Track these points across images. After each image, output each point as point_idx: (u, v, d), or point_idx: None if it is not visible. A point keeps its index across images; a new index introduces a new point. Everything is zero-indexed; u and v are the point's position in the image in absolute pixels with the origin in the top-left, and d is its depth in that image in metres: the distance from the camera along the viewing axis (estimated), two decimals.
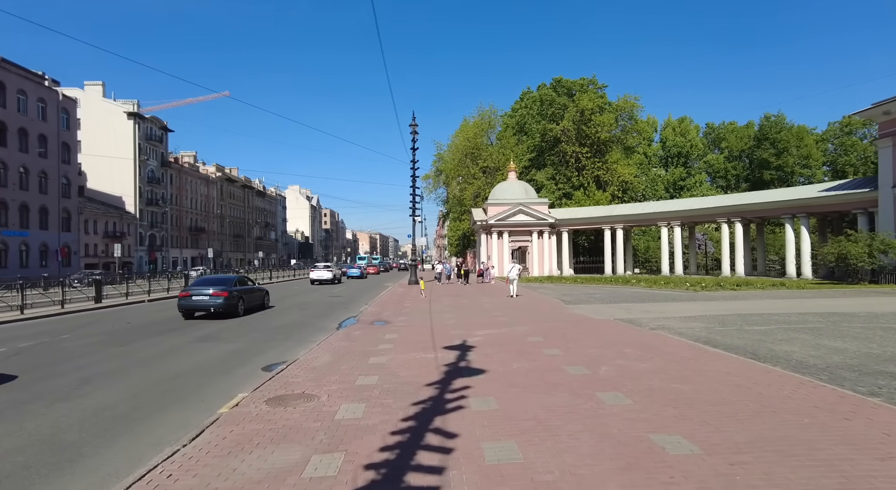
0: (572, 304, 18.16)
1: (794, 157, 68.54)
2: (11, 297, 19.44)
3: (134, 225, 70.64)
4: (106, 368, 8.97)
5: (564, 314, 15.25)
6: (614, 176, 44.70)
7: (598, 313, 15.19)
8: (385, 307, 19.10)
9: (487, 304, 18.86)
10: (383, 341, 10.74)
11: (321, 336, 12.17)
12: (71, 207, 57.38)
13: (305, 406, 6.05)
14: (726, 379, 6.71)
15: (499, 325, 12.73)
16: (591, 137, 44.35)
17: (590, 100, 44.27)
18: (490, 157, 49.16)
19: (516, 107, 52.78)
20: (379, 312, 17.35)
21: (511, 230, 40.45)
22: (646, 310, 15.86)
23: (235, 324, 15.11)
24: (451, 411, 5.62)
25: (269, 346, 11.33)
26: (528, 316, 14.92)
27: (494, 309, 17.21)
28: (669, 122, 72.74)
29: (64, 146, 56.49)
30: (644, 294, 21.57)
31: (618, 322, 13.04)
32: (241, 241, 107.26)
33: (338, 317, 16.89)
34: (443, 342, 10.32)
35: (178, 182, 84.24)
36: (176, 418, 6.22)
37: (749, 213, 32.07)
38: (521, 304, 18.72)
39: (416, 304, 19.66)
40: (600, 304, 18.30)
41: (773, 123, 71.76)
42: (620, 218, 38.71)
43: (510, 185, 42.09)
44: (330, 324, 15.01)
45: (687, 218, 36.07)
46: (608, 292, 22.69)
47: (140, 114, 71.70)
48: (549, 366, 7.81)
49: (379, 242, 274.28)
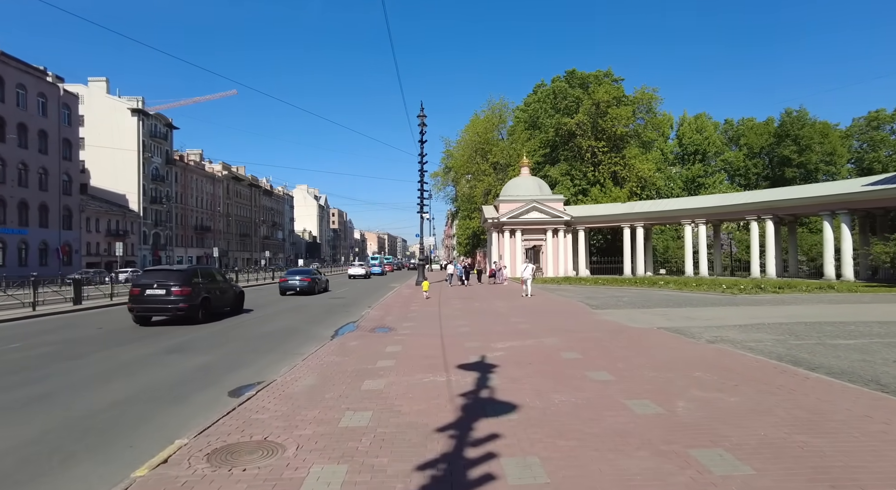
0: (600, 309, 16.11)
1: (818, 155, 65.73)
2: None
3: (137, 223, 69.43)
4: (30, 393, 7.09)
5: (595, 321, 13.21)
6: (632, 172, 42.44)
7: (634, 320, 13.14)
8: (389, 311, 17.18)
9: (503, 308, 16.85)
10: (383, 356, 8.79)
11: (311, 347, 10.26)
12: (72, 205, 56.16)
13: (261, 466, 4.11)
14: (872, 428, 4.66)
15: (522, 336, 10.73)
16: (607, 131, 42.15)
17: (606, 92, 42.08)
18: (501, 153, 47.08)
19: (529, 101, 50.66)
20: (382, 317, 15.42)
21: (524, 228, 38.39)
22: (687, 316, 13.77)
23: (217, 330, 13.25)
24: (476, 487, 3.65)
25: (246, 359, 9.44)
26: (554, 323, 12.90)
27: (512, 313, 15.20)
28: (685, 118, 70.16)
29: (65, 142, 55.29)
30: (677, 297, 19.44)
31: (663, 332, 10.99)
32: (248, 241, 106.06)
33: (335, 322, 14.98)
34: (456, 359, 8.35)
35: (184, 180, 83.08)
36: (75, 483, 4.30)
37: (782, 210, 29.72)
38: (543, 309, 16.69)
39: (423, 308, 17.71)
40: (631, 308, 16.23)
41: (795, 119, 68.99)
42: (641, 215, 36.47)
43: (523, 181, 40.01)
44: (324, 331, 13.09)
45: (713, 215, 33.75)
46: (636, 295, 20.59)
47: (144, 110, 70.50)
48: (603, 398, 5.81)
49: (387, 242, 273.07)
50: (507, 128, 50.00)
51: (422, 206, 32.02)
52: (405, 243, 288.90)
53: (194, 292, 14.38)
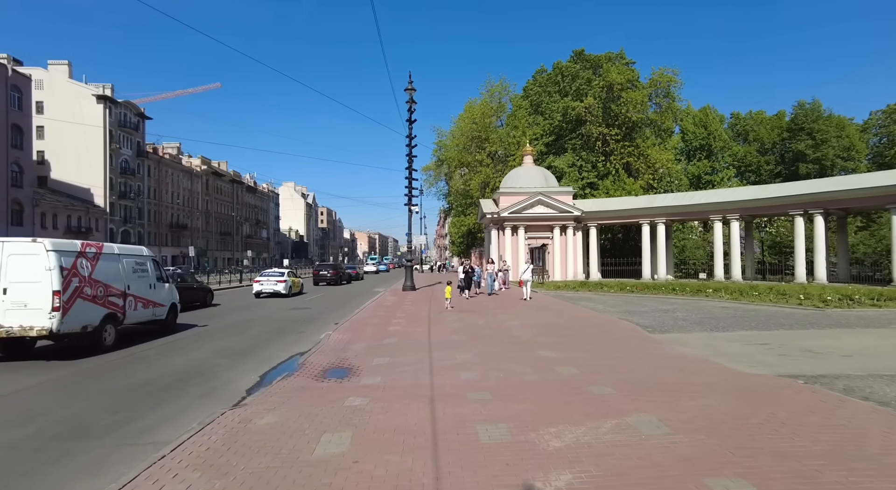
0: (658, 332, 11.37)
1: (835, 149, 61.73)
2: None
3: (104, 220, 63.82)
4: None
5: (673, 359, 8.48)
6: (648, 163, 37.82)
7: (731, 358, 8.46)
8: (361, 331, 12.33)
9: (522, 330, 12.05)
10: (310, 464, 3.98)
11: (188, 421, 5.44)
12: (23, 198, 50.60)
13: None
14: None
15: (575, 399, 5.93)
16: (620, 117, 37.45)
17: (619, 73, 37.37)
18: (500, 141, 42.18)
19: (529, 86, 45.81)
20: (346, 345, 10.57)
21: (528, 224, 33.61)
22: (806, 350, 9.07)
23: (85, 372, 8.35)
24: None
25: (38, 464, 4.55)
26: (612, 363, 8.13)
27: (536, 340, 10.41)
28: (690, 111, 65.65)
29: (15, 129, 49.70)
30: (745, 313, 14.73)
31: (813, 390, 6.26)
32: (229, 240, 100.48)
33: (273, 355, 10.10)
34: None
35: (158, 174, 77.53)
36: None
37: (836, 203, 25.15)
38: (577, 331, 11.91)
39: (408, 327, 12.88)
40: (702, 331, 11.51)
41: (808, 112, 65.04)
42: (663, 210, 31.76)
43: (526, 172, 35.20)
44: (242, 378, 8.23)
45: (748, 210, 29.14)
46: (686, 308, 15.86)
47: (112, 98, 64.93)
48: None
49: (378, 242, 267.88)
50: (507, 114, 45.04)
51: (410, 197, 27.09)
52: (396, 243, 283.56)
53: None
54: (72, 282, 9.55)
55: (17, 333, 9.04)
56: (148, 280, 12.25)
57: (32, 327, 9.02)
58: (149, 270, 12.43)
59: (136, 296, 11.54)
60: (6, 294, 9.08)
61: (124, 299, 11.10)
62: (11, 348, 9.60)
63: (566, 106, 39.58)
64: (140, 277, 11.91)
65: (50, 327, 9.04)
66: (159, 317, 12.67)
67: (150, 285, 12.25)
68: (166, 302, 12.95)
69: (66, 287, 9.37)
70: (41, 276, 9.12)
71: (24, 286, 9.11)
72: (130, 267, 11.66)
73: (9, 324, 9.01)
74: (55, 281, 9.15)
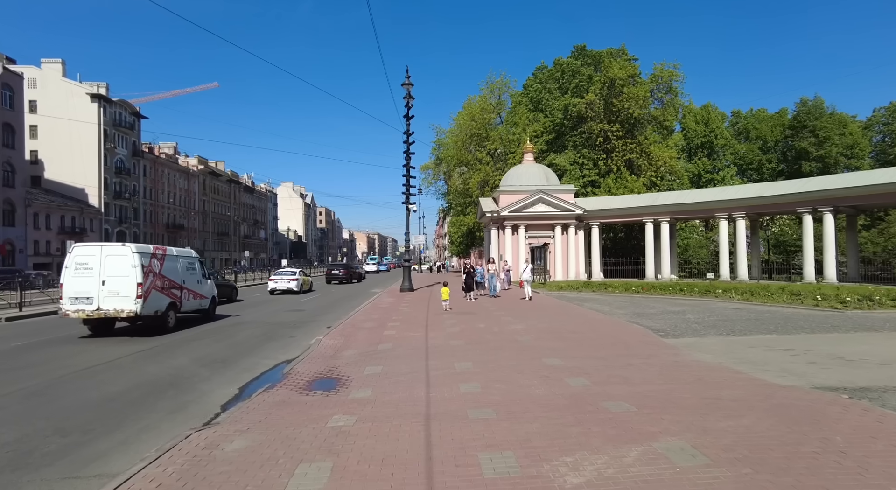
0: (671, 337, 10.66)
1: (838, 147, 60.97)
2: None
3: (98, 220, 63.00)
4: None
5: (692, 367, 7.75)
6: (650, 160, 37.06)
7: (756, 366, 7.74)
8: (354, 336, 11.60)
9: (525, 334, 11.32)
10: None
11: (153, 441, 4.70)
12: (15, 198, 49.80)
13: None
14: None
15: (603, 421, 5.18)
16: (622, 113, 36.70)
17: (621, 68, 36.60)
18: (500, 139, 41.37)
19: (529, 83, 45.03)
20: (337, 351, 9.84)
21: (528, 224, 32.86)
22: (836, 356, 8.36)
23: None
24: None
25: None
26: (625, 373, 7.40)
27: (542, 345, 9.68)
28: (691, 108, 64.91)
29: (6, 127, 48.93)
30: (759, 314, 14.01)
31: (856, 406, 5.53)
32: (227, 240, 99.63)
33: (258, 363, 9.39)
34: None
35: (154, 174, 76.73)
36: None
37: (846, 200, 24.41)
38: (586, 336, 11.18)
39: (405, 331, 12.14)
40: (718, 336, 10.80)
41: (811, 109, 64.32)
42: (667, 208, 31.00)
43: (527, 169, 34.44)
44: (219, 391, 7.52)
45: (754, 208, 28.38)
46: (697, 310, 15.11)
47: (106, 97, 64.12)
48: None
49: (377, 242, 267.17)
50: (507, 111, 44.21)
51: (407, 195, 26.34)
52: (395, 243, 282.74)
53: None
54: (149, 276, 12.24)
55: (112, 315, 11.88)
56: (196, 276, 14.96)
57: (122, 310, 11.79)
58: (197, 269, 15.10)
59: (189, 289, 14.23)
60: (104, 285, 11.81)
61: (181, 291, 13.78)
62: (101, 327, 12.44)
63: (567, 102, 38.84)
64: (191, 274, 14.60)
65: (135, 311, 11.80)
66: (203, 307, 15.36)
67: (198, 281, 14.99)
68: (209, 295, 15.71)
69: (145, 280, 12.06)
70: (129, 271, 11.86)
71: (117, 279, 11.84)
72: (185, 266, 14.29)
73: (106, 307, 11.80)
74: (138, 275, 11.86)
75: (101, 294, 11.72)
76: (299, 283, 26.42)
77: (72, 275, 11.87)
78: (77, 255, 12.09)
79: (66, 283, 11.87)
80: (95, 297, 11.72)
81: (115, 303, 11.75)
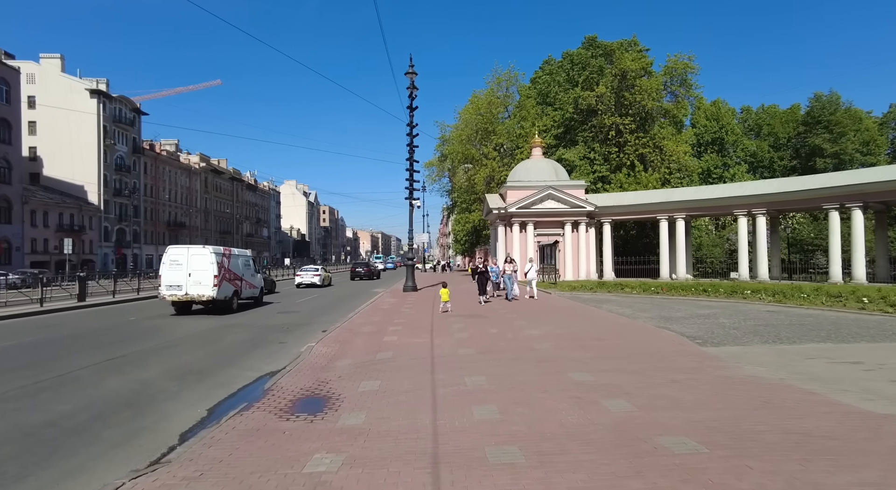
0: (709, 345, 9.37)
1: (854, 143, 59.16)
2: None
3: (97, 217, 62.07)
4: None
5: (762, 391, 6.47)
6: (664, 155, 35.65)
7: (827, 384, 6.46)
8: (350, 342, 10.36)
9: (543, 341, 10.05)
10: None
11: None
12: (12, 195, 48.83)
13: None
14: None
15: (668, 469, 3.91)
16: (634, 106, 35.31)
17: (633, 60, 35.20)
18: (507, 133, 40.00)
19: (537, 76, 43.63)
20: (329, 361, 8.61)
21: (537, 221, 31.54)
22: None
23: None
24: None
25: None
26: (672, 393, 6.13)
27: (565, 356, 8.41)
28: (701, 103, 63.29)
29: (3, 123, 47.98)
30: (798, 318, 12.66)
31: None
32: (229, 238, 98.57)
33: (238, 375, 8.16)
34: None
35: (154, 171, 75.73)
36: None
37: (877, 196, 22.89)
38: (611, 344, 9.88)
39: (407, 337, 10.89)
40: (763, 344, 9.50)
41: (826, 104, 62.40)
42: (683, 205, 29.59)
43: (535, 164, 33.09)
44: (181, 414, 6.27)
45: (776, 204, 26.93)
46: (727, 312, 13.78)
47: (106, 92, 63.12)
48: None
49: (381, 241, 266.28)
50: (514, 104, 42.79)
51: (411, 190, 25.08)
52: (399, 242, 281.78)
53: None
54: (221, 270, 16.00)
55: (195, 298, 15.72)
56: (251, 271, 19.07)
57: (203, 295, 15.65)
58: (251, 265, 19.18)
59: (245, 280, 18.21)
60: (190, 276, 15.60)
61: (241, 282, 17.71)
62: (184, 308, 16.34)
63: (577, 95, 37.43)
64: (247, 268, 18.58)
65: (212, 295, 15.61)
66: (255, 295, 19.39)
67: (252, 274, 19.06)
68: (259, 286, 19.87)
69: (219, 273, 15.86)
70: (208, 266, 15.71)
71: (199, 272, 15.65)
72: (243, 262, 18.30)
73: (192, 293, 15.63)
74: (215, 269, 15.74)
75: (187, 283, 15.49)
76: (321, 278, 30.97)
77: (167, 269, 15.69)
78: (170, 254, 16.00)
79: (163, 275, 15.77)
80: (184, 285, 15.50)
81: (197, 289, 15.53)
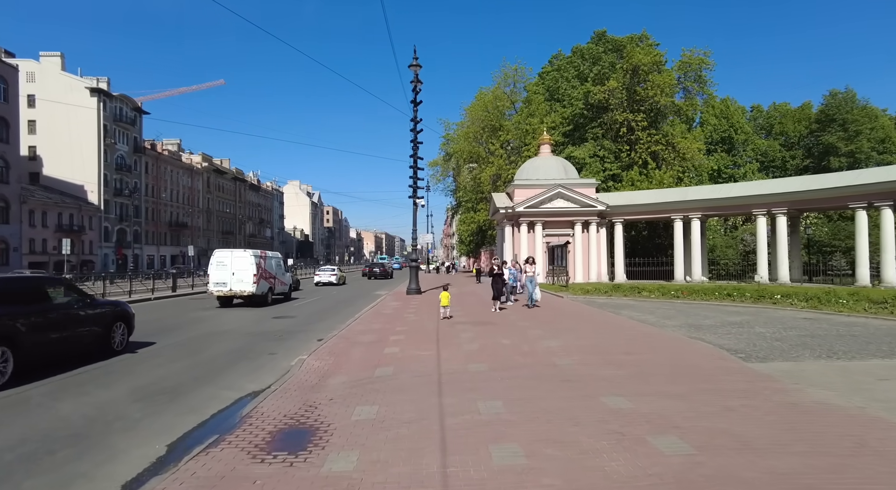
0: (757, 360, 8.20)
1: (870, 141, 57.60)
2: None
3: (97, 218, 61.33)
4: None
5: (846, 426, 5.31)
6: (677, 152, 34.40)
7: None
8: (347, 354, 9.24)
9: (565, 356, 8.89)
10: None
11: None
12: (9, 194, 48.08)
13: None
14: None
15: None
16: (646, 102, 34.10)
17: (645, 54, 34.01)
18: (514, 130, 38.82)
19: (545, 71, 42.43)
20: (321, 379, 7.49)
21: (546, 221, 30.37)
22: None
23: None
24: None
25: None
26: (743, 431, 4.97)
27: (593, 374, 7.25)
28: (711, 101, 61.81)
29: (1, 121, 47.23)
30: (846, 327, 11.44)
31: None
32: (232, 239, 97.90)
33: (217, 396, 7.06)
34: None
35: (156, 171, 75.00)
36: None
37: None
38: (648, 363, 8.69)
39: (411, 347, 9.76)
40: (816, 358, 8.34)
41: (841, 102, 60.85)
42: (698, 204, 28.32)
43: (544, 162, 31.90)
44: (132, 450, 5.13)
45: (799, 203, 25.62)
46: (765, 321, 12.49)
47: (107, 91, 62.41)
48: None
49: (385, 242, 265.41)
50: (521, 100, 41.58)
51: (415, 188, 23.96)
52: (403, 243, 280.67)
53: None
54: (259, 269, 18.87)
55: (238, 294, 18.55)
56: (282, 270, 21.93)
57: (244, 291, 18.46)
58: (281, 265, 22.13)
59: (278, 278, 20.97)
60: (234, 275, 18.47)
61: (274, 280, 20.48)
62: (227, 302, 19.08)
63: (587, 91, 36.23)
64: (279, 268, 21.38)
65: (252, 291, 18.48)
66: (285, 291, 22.18)
67: (283, 273, 22.02)
68: (288, 283, 22.84)
69: (257, 272, 18.74)
70: (248, 266, 18.63)
71: (241, 271, 18.54)
72: (276, 263, 21.10)
73: (235, 289, 18.46)
74: (254, 268, 18.65)
75: (231, 281, 18.37)
76: (337, 277, 35.24)
77: (214, 269, 18.75)
78: (217, 257, 19.05)
79: (211, 274, 18.91)
80: (228, 282, 18.39)
81: (240, 286, 18.35)
